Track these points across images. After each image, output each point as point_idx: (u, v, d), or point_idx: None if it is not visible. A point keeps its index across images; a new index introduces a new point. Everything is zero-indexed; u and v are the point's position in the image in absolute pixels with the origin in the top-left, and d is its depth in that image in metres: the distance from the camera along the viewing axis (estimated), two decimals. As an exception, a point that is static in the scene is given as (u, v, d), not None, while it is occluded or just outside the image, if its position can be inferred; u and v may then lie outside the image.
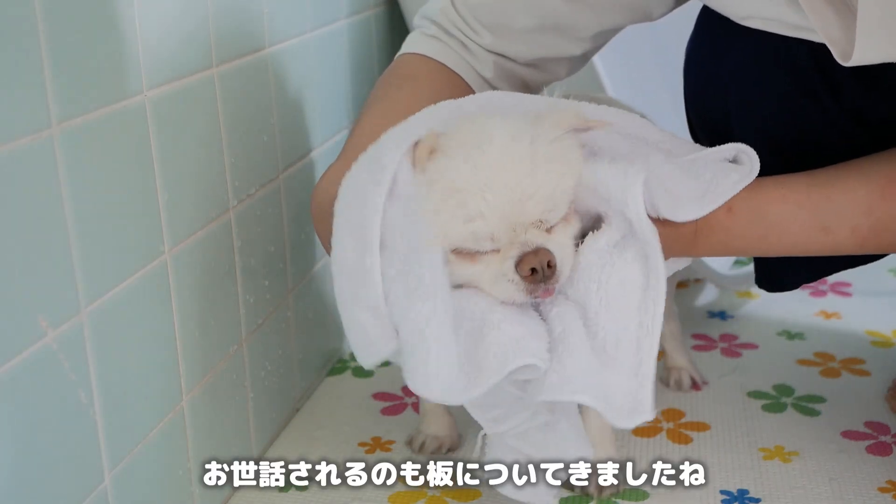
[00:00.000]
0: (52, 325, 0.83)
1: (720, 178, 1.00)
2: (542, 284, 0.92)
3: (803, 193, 1.01)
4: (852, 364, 1.47)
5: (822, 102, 1.17)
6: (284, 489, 1.19)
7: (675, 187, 0.98)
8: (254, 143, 1.20)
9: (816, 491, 1.16)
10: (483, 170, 0.92)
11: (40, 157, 0.81)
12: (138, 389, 0.97)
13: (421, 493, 1.17)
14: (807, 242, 1.02)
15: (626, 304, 0.94)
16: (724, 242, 1.02)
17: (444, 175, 0.92)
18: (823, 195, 1.01)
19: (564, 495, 1.16)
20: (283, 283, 1.31)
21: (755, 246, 1.05)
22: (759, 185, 1.01)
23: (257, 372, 1.23)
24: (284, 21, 1.27)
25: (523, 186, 0.92)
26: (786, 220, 1.01)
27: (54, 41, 0.82)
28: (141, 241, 0.97)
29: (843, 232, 1.01)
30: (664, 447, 1.26)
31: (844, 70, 1.04)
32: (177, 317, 1.03)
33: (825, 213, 1.01)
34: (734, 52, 1.21)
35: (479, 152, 0.92)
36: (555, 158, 0.95)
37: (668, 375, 1.41)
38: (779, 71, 1.18)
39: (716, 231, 1.01)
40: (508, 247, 0.92)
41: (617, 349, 0.94)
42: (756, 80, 1.20)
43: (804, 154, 1.18)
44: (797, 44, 1.11)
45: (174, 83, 1.01)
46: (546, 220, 0.94)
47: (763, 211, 1.01)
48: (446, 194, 0.92)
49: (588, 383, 0.92)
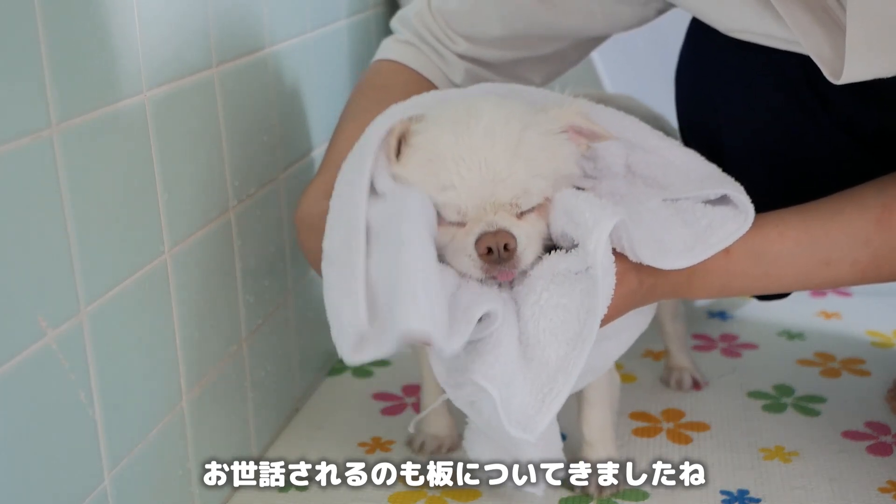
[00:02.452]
0: (51, 325, 0.83)
1: (715, 227, 1.01)
2: (499, 266, 0.94)
3: (801, 230, 1.01)
4: (852, 364, 1.47)
5: (812, 114, 1.17)
6: (284, 489, 1.19)
7: (665, 236, 0.99)
8: (254, 143, 1.20)
9: (816, 491, 1.16)
10: (464, 144, 0.95)
11: (40, 157, 0.81)
12: (138, 389, 0.97)
13: (421, 493, 1.17)
14: (808, 278, 1.03)
15: (554, 331, 0.95)
16: (723, 284, 1.03)
17: (428, 143, 0.96)
18: (822, 231, 1.01)
19: (564, 495, 1.16)
20: (283, 283, 1.31)
21: (755, 285, 1.05)
22: (756, 225, 1.01)
23: (257, 372, 1.23)
24: (284, 21, 1.27)
25: (499, 168, 0.94)
26: (785, 259, 1.01)
27: (54, 41, 0.82)
28: (141, 241, 0.97)
29: (843, 265, 1.01)
30: (664, 447, 1.26)
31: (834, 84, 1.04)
32: (177, 317, 1.03)
33: (824, 249, 1.01)
34: (724, 65, 1.21)
35: (465, 127, 0.95)
36: (542, 149, 0.96)
37: (669, 375, 1.41)
38: (768, 83, 1.18)
39: (713, 273, 1.02)
40: (474, 223, 0.95)
41: (533, 363, 0.95)
42: (746, 93, 1.20)
43: (795, 166, 1.18)
44: (787, 56, 1.11)
45: (174, 83, 1.01)
46: (519, 205, 0.95)
47: (761, 251, 1.01)
48: (425, 160, 0.95)
49: (498, 374, 0.93)
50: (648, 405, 1.36)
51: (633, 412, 1.34)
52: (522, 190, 0.95)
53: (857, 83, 1.06)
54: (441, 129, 0.96)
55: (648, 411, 1.34)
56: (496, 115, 0.96)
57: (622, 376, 1.42)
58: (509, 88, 1.08)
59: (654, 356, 1.50)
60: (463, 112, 0.97)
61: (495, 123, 0.95)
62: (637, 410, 1.34)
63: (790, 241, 1.01)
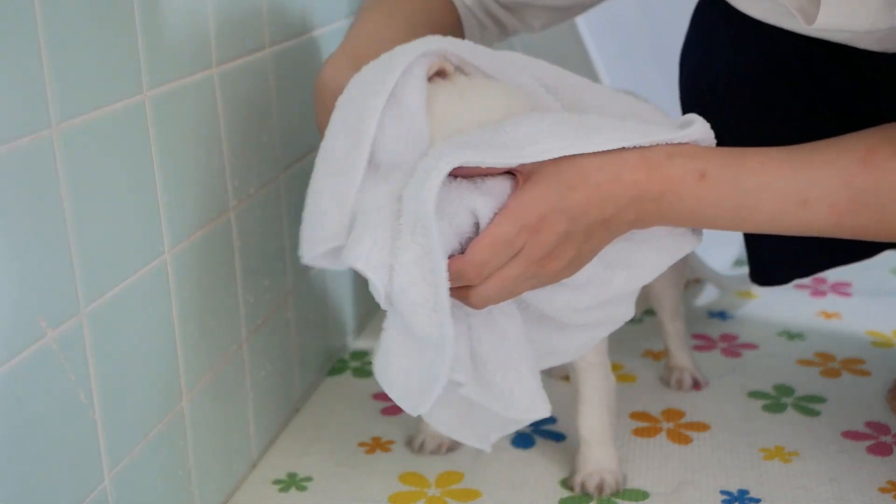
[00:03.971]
0: (51, 325, 0.83)
1: (661, 129, 0.97)
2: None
3: (784, 161, 0.96)
4: (852, 364, 1.47)
5: (812, 103, 1.17)
6: (284, 489, 1.19)
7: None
8: (254, 143, 1.20)
9: (816, 491, 1.16)
10: (454, 114, 0.94)
11: (40, 157, 0.81)
12: (138, 389, 0.97)
13: (421, 493, 1.17)
14: (782, 217, 0.97)
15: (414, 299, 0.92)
16: (693, 210, 0.96)
17: (432, 97, 0.95)
18: (804, 164, 0.96)
19: (564, 495, 1.16)
20: (283, 283, 1.31)
21: (727, 216, 0.97)
22: (738, 154, 0.96)
23: (257, 372, 1.23)
24: (284, 21, 1.27)
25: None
26: (763, 191, 0.96)
27: (54, 41, 0.82)
28: (141, 241, 0.97)
29: (821, 207, 0.95)
30: (664, 447, 1.26)
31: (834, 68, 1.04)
32: (177, 317, 1.03)
33: (804, 184, 0.95)
34: (725, 53, 1.22)
35: (463, 102, 0.95)
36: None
37: (669, 375, 1.41)
38: (766, 68, 1.18)
39: (684, 199, 0.95)
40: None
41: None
42: (745, 78, 1.21)
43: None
44: (788, 42, 1.11)
45: (174, 83, 1.01)
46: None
47: (740, 179, 0.96)
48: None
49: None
50: (648, 405, 1.36)
51: (633, 412, 1.34)
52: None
53: (856, 71, 1.06)
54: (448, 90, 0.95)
55: (648, 411, 1.34)
56: (498, 103, 0.96)
57: (622, 376, 1.42)
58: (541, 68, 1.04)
59: (654, 356, 1.50)
60: (477, 84, 0.97)
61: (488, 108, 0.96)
62: (637, 410, 1.35)
63: (771, 173, 0.95)
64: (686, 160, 0.95)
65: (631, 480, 1.18)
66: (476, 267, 0.90)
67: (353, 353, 1.52)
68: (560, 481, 1.19)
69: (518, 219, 0.91)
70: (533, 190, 0.92)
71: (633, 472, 1.20)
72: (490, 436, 1.06)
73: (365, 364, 1.49)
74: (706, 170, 0.95)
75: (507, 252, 0.91)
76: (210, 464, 1.11)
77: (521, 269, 0.92)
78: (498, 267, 0.91)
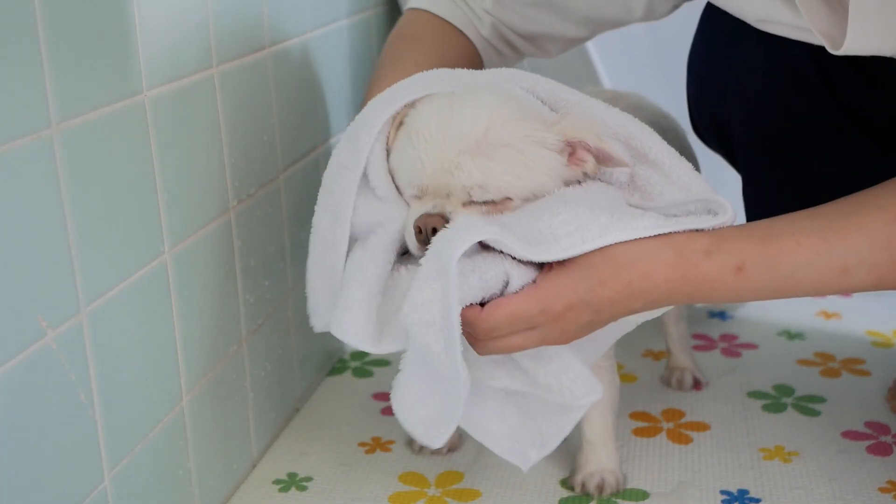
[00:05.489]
0: (51, 325, 0.83)
1: (681, 220, 0.95)
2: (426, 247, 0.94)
3: (819, 237, 0.94)
4: (852, 364, 1.47)
5: (822, 106, 1.17)
6: (284, 489, 1.19)
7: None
8: (254, 143, 1.20)
9: (816, 491, 1.16)
10: (441, 126, 0.96)
11: (40, 157, 0.81)
12: (138, 389, 0.97)
13: (421, 493, 1.17)
14: (823, 287, 0.96)
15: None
16: (729, 298, 0.96)
17: (414, 118, 0.98)
18: (839, 236, 0.94)
19: (564, 495, 1.16)
20: (283, 283, 1.31)
21: (765, 296, 0.97)
22: (772, 235, 0.95)
23: (257, 372, 1.23)
24: (284, 21, 1.27)
25: (460, 158, 0.95)
26: (802, 271, 0.94)
27: (54, 41, 0.82)
28: (141, 241, 0.97)
29: (860, 271, 0.94)
30: (664, 447, 1.26)
31: (845, 73, 1.04)
32: (177, 317, 1.03)
33: (842, 255, 0.94)
34: (734, 56, 1.22)
35: (450, 111, 0.97)
36: (517, 152, 0.95)
37: (670, 375, 1.41)
38: (779, 74, 1.18)
39: (720, 291, 0.95)
40: (424, 202, 0.97)
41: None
42: (756, 83, 1.20)
43: (803, 156, 1.18)
44: (798, 47, 1.11)
45: (174, 83, 1.01)
46: (471, 196, 0.95)
47: (777, 265, 0.94)
48: (407, 134, 0.98)
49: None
50: (648, 405, 1.36)
51: (633, 412, 1.34)
52: (477, 183, 0.95)
53: (866, 75, 1.06)
54: (432, 107, 0.98)
55: (648, 411, 1.34)
56: (487, 109, 0.96)
57: (623, 376, 1.42)
58: (534, 81, 1.04)
59: (655, 356, 1.50)
60: (458, 97, 0.98)
61: (477, 115, 0.96)
62: (637, 410, 1.35)
63: (808, 251, 0.94)
64: (724, 256, 0.93)
65: (631, 480, 1.18)
66: (487, 329, 0.92)
67: (353, 353, 1.52)
68: (560, 481, 1.19)
69: (542, 302, 0.91)
70: (564, 276, 0.92)
71: (633, 472, 1.20)
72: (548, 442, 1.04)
73: (365, 364, 1.49)
74: (743, 262, 0.93)
75: (521, 326, 0.92)
76: (210, 464, 1.11)
77: (530, 342, 0.94)
78: (508, 335, 0.93)
